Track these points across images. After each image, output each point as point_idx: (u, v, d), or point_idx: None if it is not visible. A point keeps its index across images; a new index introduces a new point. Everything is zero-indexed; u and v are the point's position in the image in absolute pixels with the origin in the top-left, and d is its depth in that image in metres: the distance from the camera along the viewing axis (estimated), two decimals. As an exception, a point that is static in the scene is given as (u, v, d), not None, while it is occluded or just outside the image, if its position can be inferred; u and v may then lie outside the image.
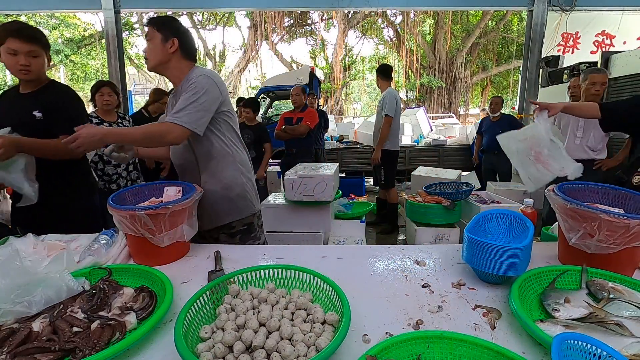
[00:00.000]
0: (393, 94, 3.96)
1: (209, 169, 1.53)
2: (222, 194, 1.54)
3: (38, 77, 1.66)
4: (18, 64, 1.56)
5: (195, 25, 16.36)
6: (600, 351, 0.59)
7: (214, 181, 1.53)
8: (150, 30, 1.46)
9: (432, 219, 3.11)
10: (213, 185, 1.52)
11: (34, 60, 1.59)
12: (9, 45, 1.53)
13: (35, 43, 1.58)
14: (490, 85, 17.76)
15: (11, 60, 1.56)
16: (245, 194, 1.60)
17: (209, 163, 1.52)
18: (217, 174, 1.53)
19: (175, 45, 1.46)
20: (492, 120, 4.72)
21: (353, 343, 0.82)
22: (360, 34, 17.26)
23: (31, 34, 1.58)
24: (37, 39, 1.59)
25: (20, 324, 0.85)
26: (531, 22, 5.65)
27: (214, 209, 1.54)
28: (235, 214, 1.58)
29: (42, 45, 1.61)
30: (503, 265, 0.98)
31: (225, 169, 1.54)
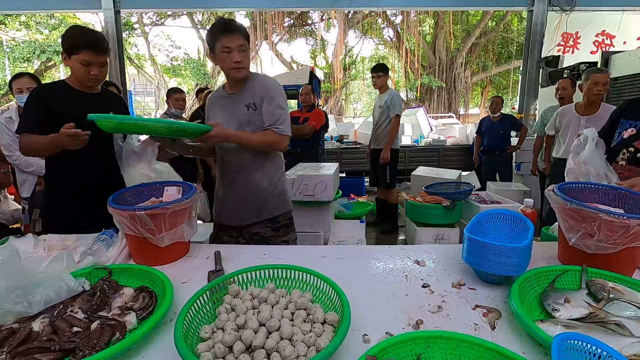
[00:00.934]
0: (398, 94, 3.99)
1: (263, 167, 1.66)
2: (271, 190, 1.68)
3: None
4: (90, 73, 1.59)
5: (195, 25, 16.36)
6: (600, 351, 0.59)
7: (267, 179, 1.67)
8: (242, 40, 1.53)
9: (432, 219, 3.11)
10: (265, 183, 1.67)
11: (103, 69, 1.64)
12: (84, 57, 1.56)
13: (107, 54, 1.62)
14: (490, 85, 17.75)
15: (83, 70, 1.59)
16: (286, 192, 1.77)
17: (265, 162, 1.67)
18: (269, 172, 1.68)
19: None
20: (492, 120, 4.72)
21: (353, 343, 0.81)
22: (360, 34, 17.25)
23: (105, 46, 1.61)
24: (108, 49, 1.63)
25: (20, 324, 0.85)
26: (531, 22, 5.65)
27: (264, 204, 1.68)
28: (281, 208, 1.72)
29: (108, 54, 1.64)
30: (503, 265, 0.98)
31: (275, 168, 1.71)
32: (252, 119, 1.60)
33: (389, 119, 3.93)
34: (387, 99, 3.92)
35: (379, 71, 3.98)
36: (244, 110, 1.60)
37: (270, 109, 1.58)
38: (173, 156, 1.86)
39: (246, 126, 1.60)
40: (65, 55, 1.60)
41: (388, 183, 4.11)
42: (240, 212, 1.68)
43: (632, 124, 1.55)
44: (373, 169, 4.26)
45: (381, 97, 4.01)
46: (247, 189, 1.65)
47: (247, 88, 1.61)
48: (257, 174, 1.65)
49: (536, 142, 3.94)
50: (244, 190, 1.66)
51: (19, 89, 2.48)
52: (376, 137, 4.10)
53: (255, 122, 1.59)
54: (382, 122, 3.99)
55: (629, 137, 1.53)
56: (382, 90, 4.03)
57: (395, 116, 3.88)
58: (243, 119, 1.60)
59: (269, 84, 1.62)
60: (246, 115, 1.60)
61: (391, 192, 4.17)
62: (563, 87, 3.68)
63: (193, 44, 37.06)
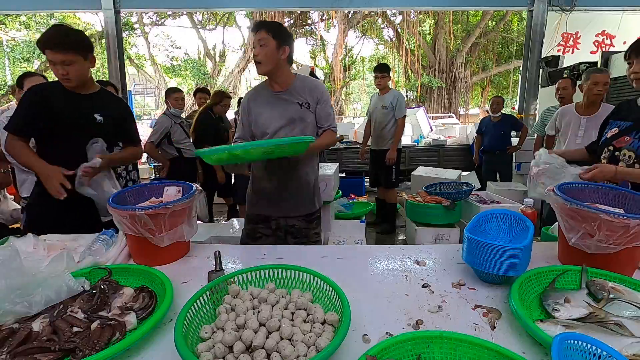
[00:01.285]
0: (402, 94, 3.98)
1: (311, 162, 1.77)
2: (315, 184, 1.81)
3: (82, 82, 1.65)
4: (58, 73, 1.57)
5: (195, 25, 16.35)
6: (600, 351, 0.59)
7: (312, 173, 1.78)
8: (263, 35, 1.56)
9: (432, 219, 3.11)
10: (311, 177, 1.77)
11: (71, 68, 1.57)
12: (48, 56, 1.54)
13: (70, 52, 1.54)
14: (490, 85, 17.74)
15: (54, 70, 1.57)
16: (319, 187, 1.88)
17: (312, 160, 1.78)
18: (314, 167, 1.81)
19: (286, 53, 1.62)
20: (492, 120, 4.70)
21: (353, 343, 0.82)
22: (360, 34, 17.24)
23: (61, 41, 1.53)
24: (69, 46, 1.54)
25: (20, 324, 0.85)
26: (531, 22, 5.65)
27: (308, 197, 1.77)
28: (319, 202, 1.84)
29: (75, 51, 1.56)
30: (503, 265, 0.98)
31: (316, 164, 1.84)
32: (304, 117, 1.67)
33: (394, 119, 3.90)
34: (392, 100, 3.87)
35: (385, 71, 3.93)
36: (296, 107, 1.67)
37: (326, 110, 1.71)
38: (173, 157, 1.87)
39: (298, 122, 1.68)
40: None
41: (393, 182, 4.09)
42: (287, 204, 1.74)
43: (617, 124, 1.61)
44: (375, 169, 4.22)
45: (383, 98, 3.96)
46: (297, 182, 1.73)
47: (295, 87, 1.69)
48: (304, 167, 1.74)
49: (536, 142, 3.93)
50: (294, 183, 1.72)
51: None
52: (380, 137, 4.03)
53: (306, 119, 1.68)
54: (386, 123, 3.93)
55: (611, 136, 1.59)
56: (385, 90, 3.98)
57: (402, 117, 3.88)
58: (294, 115, 1.67)
59: (321, 87, 1.73)
60: (299, 113, 1.67)
61: (392, 192, 4.17)
62: (563, 87, 3.68)
63: (193, 44, 37.06)
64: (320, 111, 1.70)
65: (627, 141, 1.51)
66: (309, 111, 1.68)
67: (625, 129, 1.55)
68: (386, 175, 4.08)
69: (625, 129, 1.55)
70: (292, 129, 1.68)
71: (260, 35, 1.56)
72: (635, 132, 1.50)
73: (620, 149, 1.52)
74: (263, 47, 1.56)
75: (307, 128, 1.69)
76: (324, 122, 1.71)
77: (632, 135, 1.51)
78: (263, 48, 1.56)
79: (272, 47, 1.56)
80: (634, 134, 1.51)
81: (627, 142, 1.51)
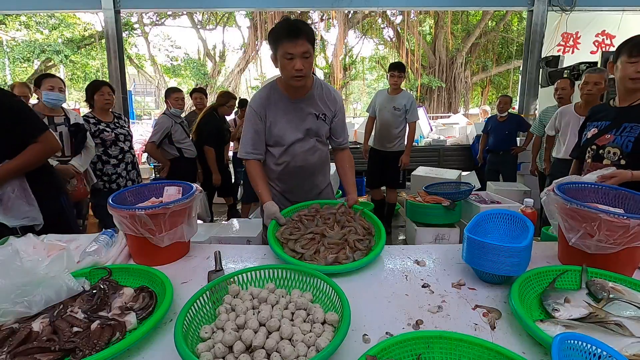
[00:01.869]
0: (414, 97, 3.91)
1: (323, 171, 1.79)
2: (328, 189, 1.83)
3: None
4: None
5: (195, 25, 16.35)
6: (600, 351, 0.59)
7: (324, 180, 1.81)
8: (307, 45, 1.38)
9: (432, 219, 3.10)
10: (324, 184, 1.81)
11: None
12: None
13: None
14: (490, 85, 17.74)
15: None
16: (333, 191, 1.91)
17: (325, 166, 1.80)
18: (326, 175, 1.82)
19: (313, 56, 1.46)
20: (499, 119, 4.59)
21: (353, 343, 0.82)
22: (360, 34, 17.23)
23: None
24: None
25: (20, 324, 0.85)
26: (531, 22, 5.64)
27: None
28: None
29: None
30: (503, 265, 0.98)
31: (328, 171, 1.84)
32: (320, 128, 1.63)
33: (405, 122, 3.82)
34: (405, 102, 3.76)
35: (403, 70, 3.78)
36: (313, 119, 1.61)
37: (342, 124, 1.70)
38: (173, 157, 1.84)
39: (313, 134, 1.63)
40: None
41: (400, 183, 4.04)
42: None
43: (595, 124, 1.67)
44: (377, 169, 4.11)
45: (395, 98, 3.81)
46: (311, 190, 1.75)
47: (313, 96, 1.60)
48: (319, 177, 1.76)
49: (535, 142, 3.92)
50: (307, 191, 1.74)
51: (51, 87, 2.51)
52: (386, 139, 3.91)
53: (320, 132, 1.65)
54: (397, 125, 3.83)
55: (591, 136, 1.64)
56: (397, 91, 3.84)
57: (415, 121, 3.82)
58: (311, 126, 1.61)
59: (340, 99, 1.68)
60: (315, 124, 1.62)
61: (395, 193, 4.12)
62: (562, 87, 3.67)
63: (193, 44, 37.08)
64: (336, 124, 1.68)
65: (608, 139, 1.56)
66: (324, 123, 1.64)
67: (604, 128, 1.61)
68: (394, 176, 3.99)
69: (604, 128, 1.60)
70: (308, 140, 1.64)
71: (304, 47, 1.36)
72: (615, 130, 1.55)
73: (603, 146, 1.57)
74: (308, 59, 1.39)
75: (319, 141, 1.67)
76: (339, 136, 1.71)
77: (612, 133, 1.56)
78: (308, 60, 1.39)
79: (312, 57, 1.42)
80: (614, 132, 1.55)
81: (609, 140, 1.56)
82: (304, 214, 1.38)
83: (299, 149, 1.64)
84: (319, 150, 1.70)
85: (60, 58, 13.27)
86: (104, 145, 2.85)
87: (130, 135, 3.08)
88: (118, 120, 2.99)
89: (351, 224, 1.31)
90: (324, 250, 1.14)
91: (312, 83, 1.59)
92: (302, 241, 1.19)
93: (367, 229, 1.32)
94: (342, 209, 1.42)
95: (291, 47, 1.36)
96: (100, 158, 2.85)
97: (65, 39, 13.79)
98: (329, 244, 1.17)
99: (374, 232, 1.31)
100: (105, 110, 2.90)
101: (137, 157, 3.25)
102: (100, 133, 2.82)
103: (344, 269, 1.09)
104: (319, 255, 1.13)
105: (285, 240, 1.22)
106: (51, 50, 12.97)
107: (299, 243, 1.20)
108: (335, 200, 1.55)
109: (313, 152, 1.67)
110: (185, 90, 13.06)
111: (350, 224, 1.31)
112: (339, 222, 1.32)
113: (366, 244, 1.22)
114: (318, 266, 1.08)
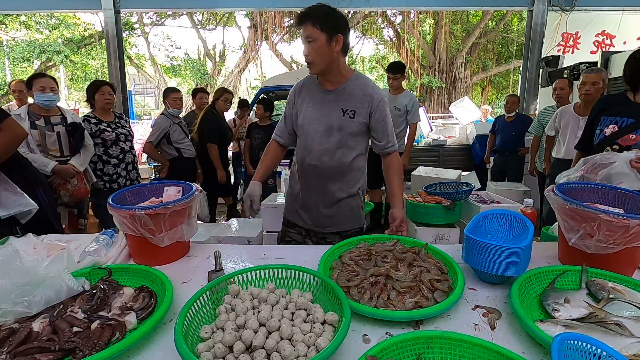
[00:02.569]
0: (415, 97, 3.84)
1: (345, 179, 1.56)
2: (349, 202, 1.60)
3: None
4: None
5: (195, 25, 16.35)
6: (600, 351, 0.59)
7: (345, 190, 1.58)
8: (310, 29, 1.33)
9: (432, 219, 3.10)
10: (343, 194, 1.58)
11: None
12: None
13: None
14: (490, 85, 17.74)
15: None
16: (361, 206, 1.66)
17: (348, 174, 1.56)
18: (350, 184, 1.58)
19: (340, 43, 1.37)
20: (506, 120, 4.52)
21: (353, 343, 0.82)
22: (360, 34, 17.23)
23: None
24: None
25: (20, 324, 0.85)
26: (531, 22, 5.64)
27: (337, 216, 1.60)
28: (353, 222, 1.63)
29: None
30: (503, 265, 0.98)
31: (356, 180, 1.60)
32: (345, 126, 1.47)
33: (406, 123, 3.79)
34: (407, 103, 3.73)
35: (399, 72, 3.71)
36: (339, 113, 1.46)
37: (382, 125, 1.49)
38: (172, 157, 1.83)
39: (337, 132, 1.47)
40: None
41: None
42: (312, 217, 1.62)
43: (612, 120, 1.54)
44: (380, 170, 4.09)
45: (396, 98, 3.76)
46: (323, 197, 1.57)
47: (345, 88, 1.47)
48: (336, 184, 1.56)
49: (533, 143, 3.89)
50: (320, 198, 1.58)
51: (42, 87, 2.49)
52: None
53: (347, 129, 1.47)
54: (397, 125, 3.75)
55: (611, 134, 1.53)
56: (399, 90, 3.80)
57: (416, 122, 3.79)
58: (334, 123, 1.47)
59: (379, 96, 1.47)
60: (340, 121, 1.46)
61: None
62: (560, 87, 3.65)
63: (193, 44, 37.05)
64: (375, 125, 1.48)
65: (634, 139, 1.46)
66: (351, 120, 1.46)
67: (626, 126, 1.49)
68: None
69: (627, 126, 1.49)
70: (328, 137, 1.49)
71: (307, 31, 1.33)
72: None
73: (628, 147, 1.45)
74: (312, 43, 1.34)
75: (344, 139, 1.48)
76: (382, 138, 1.50)
77: (638, 133, 1.45)
78: (312, 45, 1.34)
79: (323, 41, 1.33)
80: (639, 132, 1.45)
81: (634, 141, 1.45)
82: (355, 255, 1.17)
83: (317, 145, 1.51)
84: (341, 153, 1.52)
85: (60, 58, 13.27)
86: (104, 145, 2.85)
87: (132, 134, 3.08)
88: (119, 120, 2.99)
89: (418, 262, 1.10)
90: (395, 295, 0.96)
91: (347, 78, 1.48)
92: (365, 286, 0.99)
93: (441, 269, 1.08)
94: (399, 245, 1.20)
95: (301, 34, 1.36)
96: (101, 158, 2.85)
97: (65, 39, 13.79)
98: (401, 287, 0.97)
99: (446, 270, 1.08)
100: (106, 110, 2.90)
101: (137, 157, 3.25)
102: (101, 133, 2.82)
103: (431, 313, 0.89)
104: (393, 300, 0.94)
105: (346, 289, 0.99)
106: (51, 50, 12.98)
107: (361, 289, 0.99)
108: (385, 235, 1.32)
109: (332, 154, 1.51)
110: (185, 91, 13.03)
111: (418, 262, 1.10)
112: (402, 260, 1.11)
113: (447, 284, 1.00)
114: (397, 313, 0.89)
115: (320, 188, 1.57)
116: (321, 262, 1.12)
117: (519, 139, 4.51)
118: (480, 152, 5.59)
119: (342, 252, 1.22)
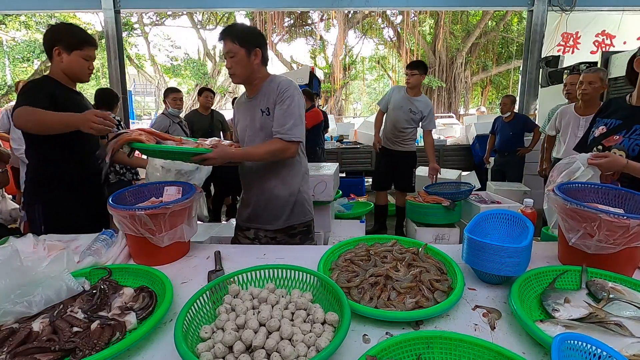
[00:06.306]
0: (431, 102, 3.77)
1: (280, 175, 1.61)
2: (288, 198, 1.63)
3: None
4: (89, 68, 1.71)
5: (195, 25, 16.36)
6: (600, 351, 0.59)
7: (283, 186, 1.61)
8: (229, 45, 1.47)
9: (432, 219, 3.11)
10: (282, 191, 1.61)
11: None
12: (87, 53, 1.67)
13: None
14: (490, 85, 17.76)
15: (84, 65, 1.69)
16: (306, 200, 1.69)
17: (282, 169, 1.61)
18: (286, 179, 1.62)
19: (258, 57, 1.52)
20: (504, 120, 4.52)
21: (353, 343, 0.82)
22: (360, 34, 17.24)
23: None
24: None
25: (20, 324, 0.85)
26: (531, 22, 5.65)
27: (280, 212, 1.63)
28: (298, 217, 1.66)
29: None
30: (503, 265, 0.98)
31: (293, 175, 1.63)
32: (265, 125, 1.54)
33: (418, 125, 3.71)
34: (424, 109, 3.61)
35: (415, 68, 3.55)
36: (259, 115, 1.55)
37: (279, 114, 1.50)
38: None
39: (260, 132, 1.55)
40: (62, 50, 1.62)
41: (412, 186, 3.89)
42: (256, 217, 1.66)
43: (604, 122, 1.57)
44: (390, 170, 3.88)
45: (414, 101, 3.62)
46: (262, 196, 1.62)
47: (262, 92, 1.56)
48: (272, 181, 1.60)
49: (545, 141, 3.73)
50: (259, 197, 1.63)
51: None
52: (397, 139, 3.75)
53: (268, 128, 1.53)
54: (410, 129, 3.70)
55: (599, 135, 1.56)
56: (417, 92, 3.64)
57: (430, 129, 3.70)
58: (257, 125, 1.56)
59: (282, 87, 1.52)
60: (260, 121, 1.55)
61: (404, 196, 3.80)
62: (571, 82, 3.52)
63: (193, 44, 37.13)
64: (275, 114, 1.51)
65: (616, 140, 1.47)
66: (268, 118, 1.53)
67: (613, 127, 1.52)
68: (407, 179, 3.86)
69: (614, 127, 1.51)
70: (255, 139, 1.57)
71: (227, 47, 1.47)
72: (626, 131, 1.46)
73: (609, 148, 1.48)
74: (233, 58, 1.48)
75: (268, 137, 1.53)
76: (274, 126, 1.50)
77: (621, 134, 1.47)
78: (233, 59, 1.48)
79: (242, 55, 1.48)
80: (623, 133, 1.47)
81: (616, 141, 1.47)
82: (353, 255, 1.18)
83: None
84: None
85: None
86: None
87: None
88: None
89: (418, 262, 1.10)
90: (396, 295, 0.97)
91: (263, 82, 1.57)
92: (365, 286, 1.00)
93: (441, 269, 1.09)
94: (398, 246, 1.22)
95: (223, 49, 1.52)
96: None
97: (65, 38, 13.76)
98: (401, 288, 0.98)
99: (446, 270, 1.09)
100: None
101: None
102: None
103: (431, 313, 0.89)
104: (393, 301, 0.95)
105: (346, 289, 0.99)
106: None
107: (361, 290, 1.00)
108: (385, 236, 1.34)
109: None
110: (185, 91, 13.02)
111: (417, 262, 1.11)
112: (401, 260, 1.11)
113: (447, 285, 1.01)
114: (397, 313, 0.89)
115: (260, 188, 1.63)
116: (321, 262, 1.13)
117: (517, 139, 4.50)
118: (480, 152, 5.59)
119: (341, 252, 1.23)
